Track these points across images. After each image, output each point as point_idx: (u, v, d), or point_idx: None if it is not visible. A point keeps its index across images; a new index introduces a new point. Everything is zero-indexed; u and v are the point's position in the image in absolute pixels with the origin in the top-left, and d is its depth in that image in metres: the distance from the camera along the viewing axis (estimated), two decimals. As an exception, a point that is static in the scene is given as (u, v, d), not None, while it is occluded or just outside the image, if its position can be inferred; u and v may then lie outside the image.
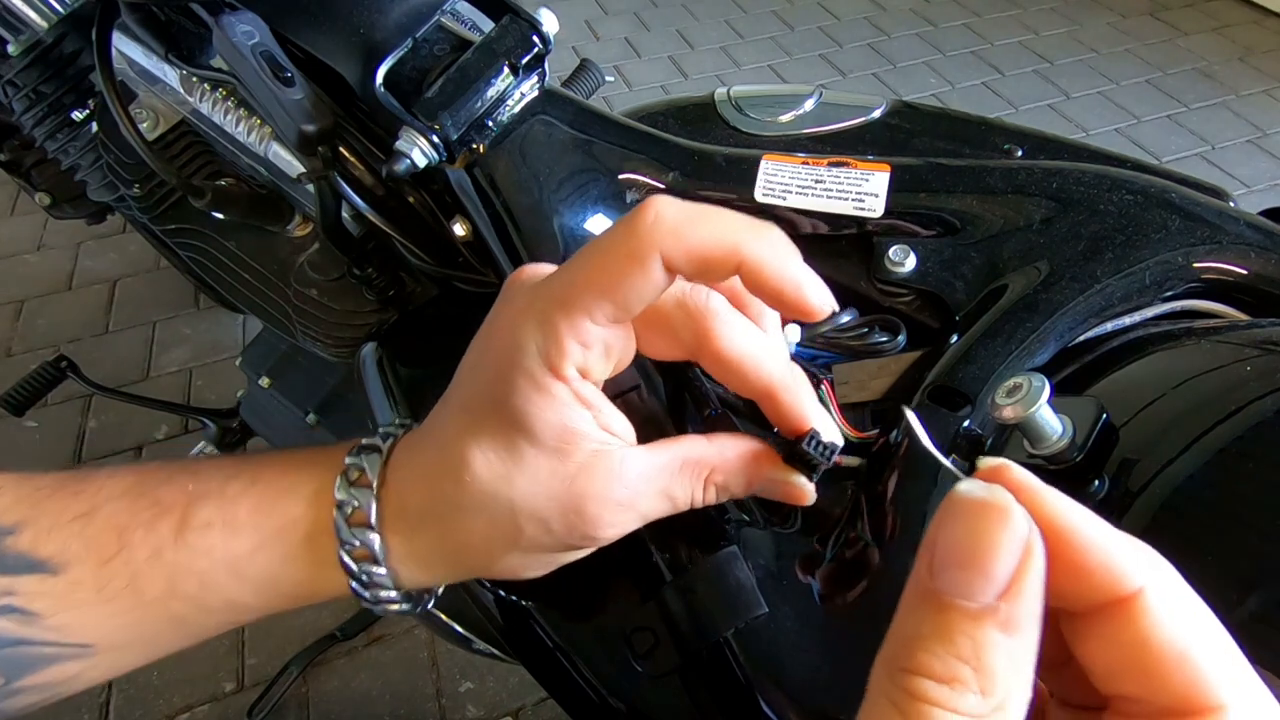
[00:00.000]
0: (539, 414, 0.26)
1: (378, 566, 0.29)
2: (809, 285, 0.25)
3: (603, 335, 0.26)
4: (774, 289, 0.25)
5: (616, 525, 0.27)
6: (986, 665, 0.15)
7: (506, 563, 0.29)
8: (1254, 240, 0.38)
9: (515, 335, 0.26)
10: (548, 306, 0.25)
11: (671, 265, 0.24)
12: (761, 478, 0.29)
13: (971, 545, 0.15)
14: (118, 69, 0.56)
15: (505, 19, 0.41)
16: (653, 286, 0.24)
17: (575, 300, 0.25)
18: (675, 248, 0.24)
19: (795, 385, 0.28)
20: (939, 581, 0.15)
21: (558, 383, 0.26)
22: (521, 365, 0.26)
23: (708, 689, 0.36)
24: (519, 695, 1.09)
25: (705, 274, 0.25)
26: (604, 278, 0.24)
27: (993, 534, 0.15)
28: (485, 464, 0.27)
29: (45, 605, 0.28)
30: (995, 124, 0.51)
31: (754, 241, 0.24)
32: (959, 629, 0.15)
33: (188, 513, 0.29)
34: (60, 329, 1.58)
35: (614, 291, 0.24)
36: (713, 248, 0.24)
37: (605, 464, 0.27)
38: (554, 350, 0.25)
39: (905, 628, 0.16)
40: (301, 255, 0.60)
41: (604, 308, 0.25)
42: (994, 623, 0.15)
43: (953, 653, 0.15)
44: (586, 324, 0.25)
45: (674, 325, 0.27)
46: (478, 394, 0.28)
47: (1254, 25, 2.35)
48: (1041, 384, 0.27)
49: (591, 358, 0.26)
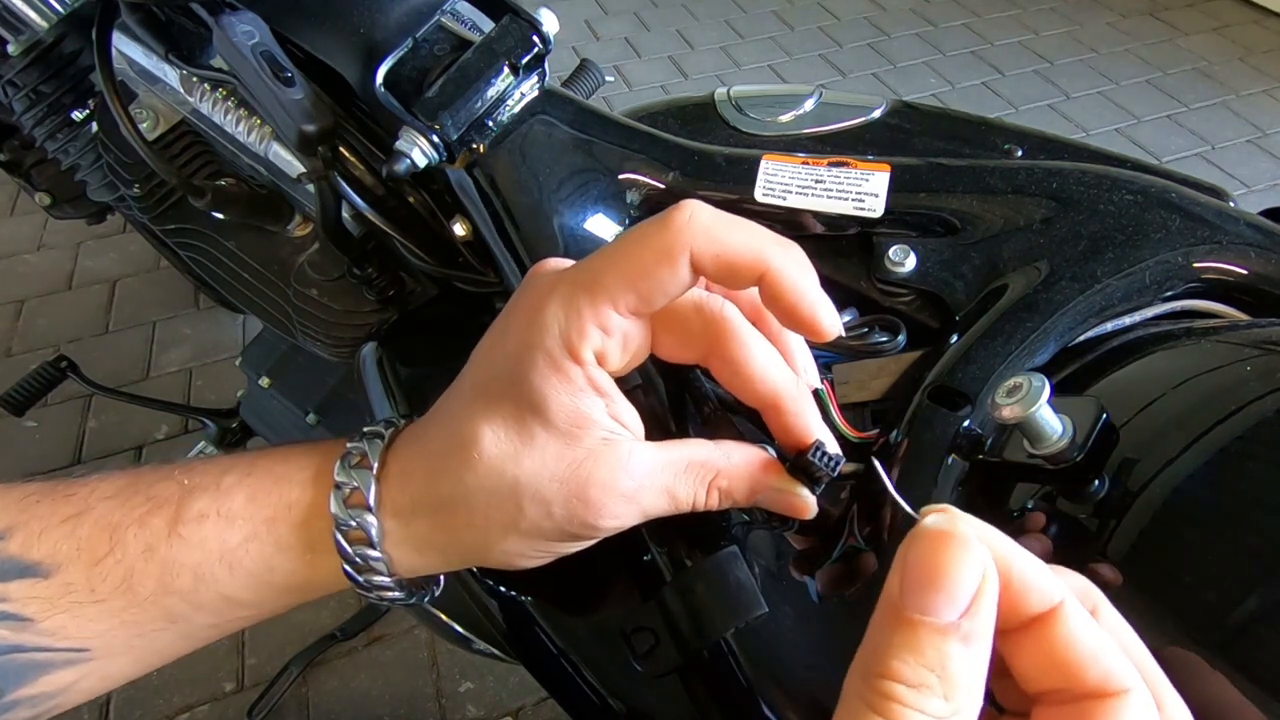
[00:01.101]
0: (554, 395, 0.26)
1: (373, 550, 0.29)
2: (822, 307, 0.26)
3: (623, 325, 0.26)
4: (790, 303, 0.25)
5: (617, 517, 0.27)
6: (949, 673, 0.17)
7: (503, 547, 0.28)
8: (1254, 240, 0.38)
9: (538, 315, 0.26)
10: (574, 290, 0.26)
11: (699, 265, 0.25)
12: (765, 486, 0.29)
13: (939, 570, 0.18)
14: (118, 69, 0.56)
15: (505, 19, 0.41)
16: (678, 283, 0.25)
17: (602, 286, 0.26)
18: (706, 248, 0.25)
19: (801, 398, 0.28)
20: (909, 600, 0.18)
21: (574, 365, 0.26)
22: (542, 344, 0.26)
23: (708, 689, 0.36)
24: (519, 695, 1.09)
25: (729, 278, 0.26)
26: (633, 268, 0.25)
27: (957, 561, 0.18)
28: (494, 441, 0.27)
29: (38, 609, 0.28)
30: (995, 124, 0.51)
31: (780, 255, 0.25)
32: (927, 642, 0.18)
33: (181, 506, 0.29)
34: (60, 329, 1.58)
35: (640, 282, 0.25)
36: (741, 253, 0.25)
37: (613, 453, 0.27)
38: (575, 332, 0.26)
39: (877, 639, 0.18)
40: (301, 255, 0.60)
41: (628, 298, 0.25)
42: (957, 637, 0.18)
43: (921, 662, 0.17)
44: (609, 311, 0.26)
45: (690, 329, 0.28)
46: (494, 372, 0.28)
47: (1254, 25, 2.35)
48: (1041, 384, 0.27)
49: (610, 345, 0.26)
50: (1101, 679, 0.18)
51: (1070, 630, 0.18)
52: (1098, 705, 0.17)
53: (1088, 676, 0.18)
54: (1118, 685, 0.18)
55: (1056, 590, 0.19)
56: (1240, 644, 0.24)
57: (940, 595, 0.18)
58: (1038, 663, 0.19)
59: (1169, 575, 0.27)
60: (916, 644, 0.18)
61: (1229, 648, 0.24)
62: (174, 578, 0.28)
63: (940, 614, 0.18)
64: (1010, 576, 0.19)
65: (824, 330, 0.26)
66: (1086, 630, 0.18)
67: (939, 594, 0.18)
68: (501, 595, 0.43)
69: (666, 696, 0.38)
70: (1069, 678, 0.18)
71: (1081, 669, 0.18)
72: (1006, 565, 0.19)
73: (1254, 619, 0.25)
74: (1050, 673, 0.18)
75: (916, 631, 0.18)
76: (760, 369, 0.28)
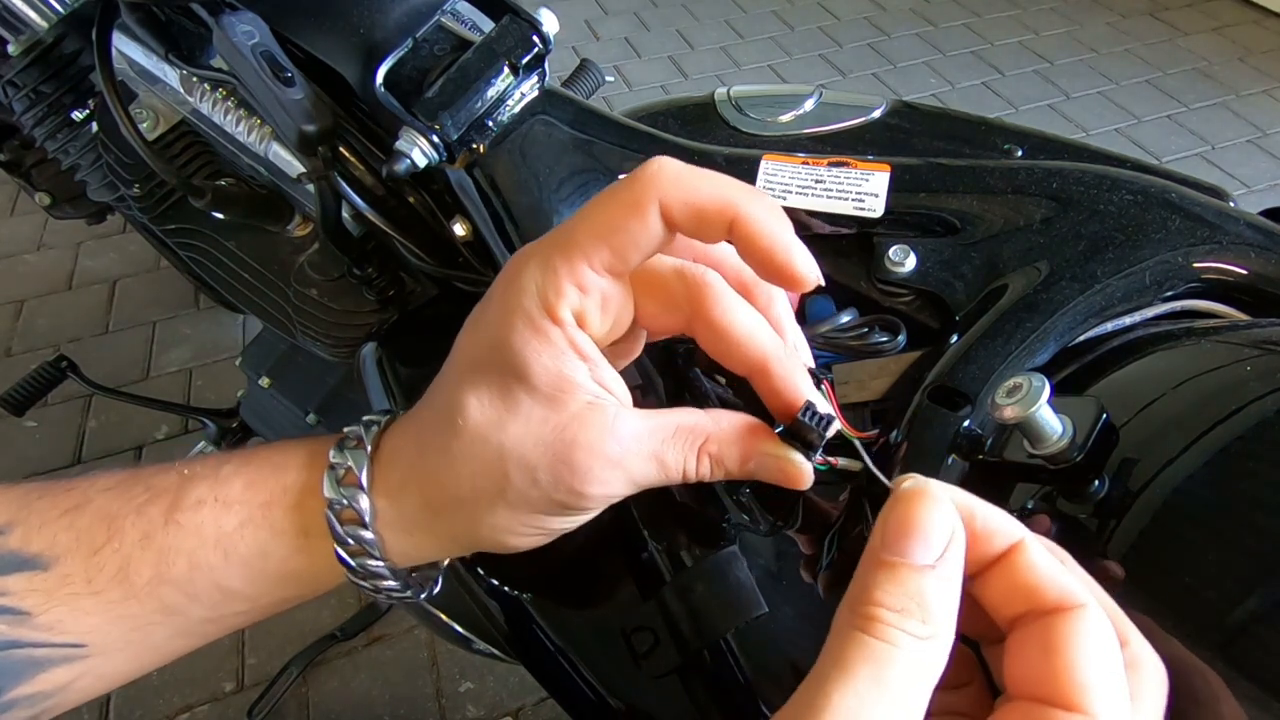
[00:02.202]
0: (535, 358, 0.26)
1: (365, 530, 0.29)
2: (798, 252, 0.26)
3: (600, 284, 0.26)
4: (764, 250, 0.25)
5: (605, 484, 0.27)
6: (926, 601, 0.20)
7: (491, 522, 0.28)
8: (1254, 240, 0.38)
9: (516, 278, 0.27)
10: (549, 250, 0.26)
11: (669, 215, 0.25)
12: (757, 452, 0.28)
13: (915, 521, 0.21)
14: (118, 69, 0.56)
15: (505, 19, 0.41)
16: (650, 236, 0.26)
17: (575, 244, 0.26)
18: (675, 198, 0.25)
19: (788, 360, 0.28)
20: (889, 547, 0.21)
21: (553, 325, 0.26)
22: (520, 306, 0.26)
23: (708, 689, 0.36)
24: (519, 695, 1.09)
25: (700, 227, 0.26)
26: (604, 223, 0.26)
27: (930, 513, 0.21)
28: (479, 408, 0.27)
29: (36, 602, 0.28)
30: (995, 124, 0.51)
31: (749, 202, 0.25)
32: (907, 577, 0.21)
33: (180, 494, 0.29)
34: (60, 329, 1.58)
35: (613, 237, 0.25)
36: (709, 200, 0.25)
37: (598, 417, 0.27)
38: (551, 291, 0.26)
39: (862, 582, 0.21)
40: (301, 255, 0.60)
41: (602, 253, 0.26)
42: (933, 575, 0.21)
43: (902, 591, 0.20)
44: (584, 268, 0.26)
45: (672, 294, 0.28)
46: (478, 341, 0.28)
47: (1254, 25, 2.35)
48: (1041, 384, 0.27)
49: (589, 305, 0.26)
50: (1060, 596, 0.21)
51: (1030, 560, 0.21)
52: (1058, 618, 0.20)
53: (1048, 595, 0.21)
54: (1075, 601, 0.20)
55: (1017, 531, 0.22)
56: (1240, 644, 0.24)
57: (917, 541, 0.21)
58: (1005, 592, 0.22)
59: (1169, 575, 0.27)
60: (898, 579, 0.21)
61: (1228, 647, 0.24)
62: (169, 565, 0.28)
63: (917, 557, 0.21)
64: (974, 523, 0.22)
65: (800, 276, 0.26)
66: (1044, 560, 0.21)
67: (915, 540, 0.21)
68: (501, 595, 0.43)
69: (666, 696, 0.38)
70: (1032, 599, 0.21)
71: (1042, 589, 0.21)
72: (970, 514, 0.22)
73: (1254, 619, 0.25)
74: (1017, 599, 0.21)
75: (897, 570, 0.21)
76: (744, 332, 0.27)
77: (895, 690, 0.19)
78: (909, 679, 0.20)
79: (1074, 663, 0.20)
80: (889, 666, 0.20)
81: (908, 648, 0.20)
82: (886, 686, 0.19)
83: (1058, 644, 0.20)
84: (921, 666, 0.20)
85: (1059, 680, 0.20)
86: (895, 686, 0.20)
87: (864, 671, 0.20)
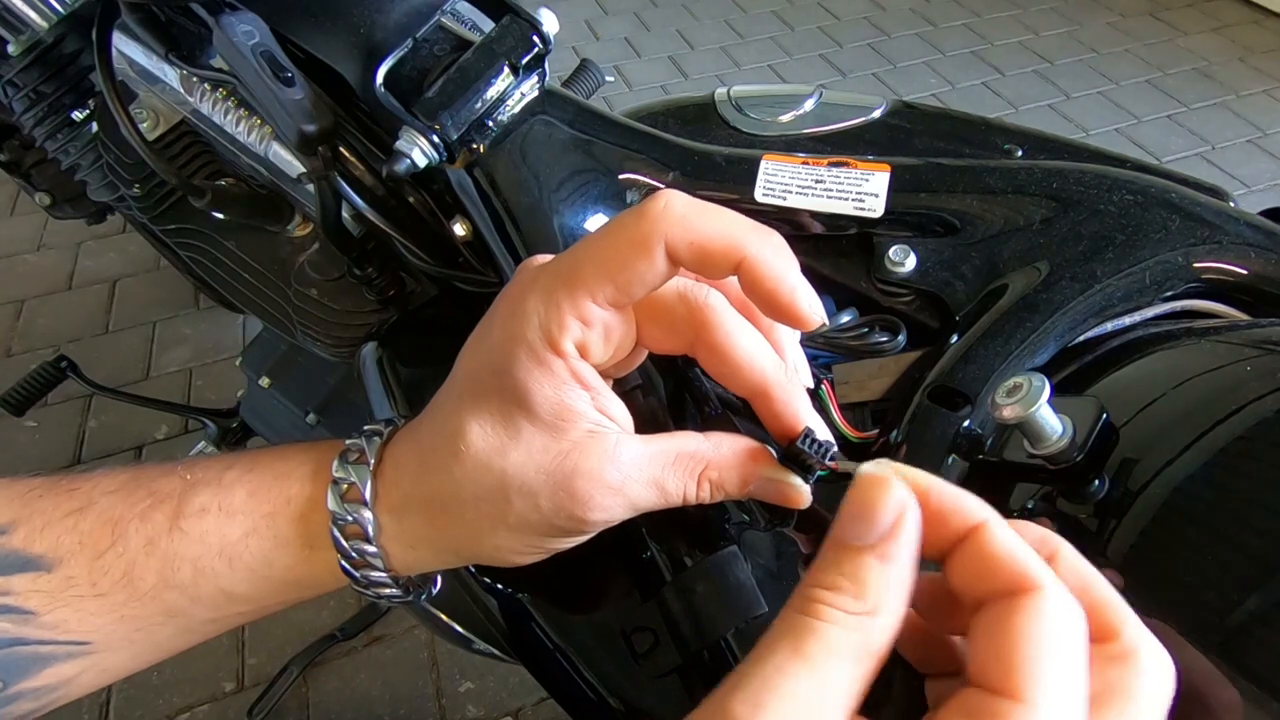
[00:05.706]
0: (537, 388, 0.26)
1: (369, 545, 0.29)
2: (802, 292, 0.26)
3: (603, 317, 0.26)
4: (769, 290, 0.25)
5: (605, 510, 0.27)
6: (861, 579, 0.20)
7: (493, 542, 0.28)
8: (1254, 240, 0.38)
9: (519, 307, 0.27)
10: (553, 283, 0.26)
11: (675, 253, 0.25)
12: (756, 476, 0.29)
13: (860, 504, 0.21)
14: (118, 69, 0.56)
15: (505, 19, 0.41)
16: (655, 273, 0.25)
17: (579, 279, 0.26)
18: (680, 237, 0.25)
19: (789, 384, 0.28)
20: (839, 532, 0.21)
21: (556, 358, 0.26)
22: (523, 337, 0.26)
23: (708, 689, 0.36)
24: (519, 695, 1.09)
25: (706, 266, 0.25)
26: (609, 260, 0.25)
27: (875, 495, 0.21)
28: (481, 435, 0.27)
29: (40, 602, 0.28)
30: (995, 124, 0.51)
31: (756, 242, 0.25)
32: (845, 557, 0.21)
33: (183, 501, 0.29)
34: (60, 329, 1.58)
35: (618, 274, 0.25)
36: (716, 240, 0.25)
37: (599, 445, 0.27)
38: (554, 325, 0.26)
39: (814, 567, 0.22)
40: (301, 255, 0.60)
41: (606, 289, 0.25)
42: (872, 554, 0.21)
43: (837, 570, 0.21)
44: (588, 303, 0.26)
45: (674, 317, 0.28)
46: (479, 367, 0.28)
47: (1254, 25, 2.35)
48: (1041, 384, 0.27)
49: (591, 337, 0.26)
50: (1015, 578, 0.20)
51: (988, 540, 0.21)
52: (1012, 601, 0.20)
53: (1001, 577, 0.20)
54: (1032, 583, 0.20)
55: (979, 512, 0.22)
56: (1240, 643, 0.24)
57: (861, 523, 0.21)
58: (967, 575, 0.21)
59: (1169, 575, 0.27)
60: (837, 559, 0.21)
61: (1229, 647, 0.24)
62: (174, 571, 0.29)
63: (861, 538, 0.21)
64: (929, 502, 0.22)
65: (804, 316, 0.26)
66: (1003, 540, 0.21)
67: (860, 522, 0.21)
68: (501, 595, 0.43)
69: (666, 696, 0.38)
70: (989, 580, 0.21)
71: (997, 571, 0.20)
72: (925, 493, 0.22)
73: (1254, 619, 0.25)
74: (976, 581, 0.21)
75: (839, 551, 0.21)
76: (745, 356, 0.27)
77: (817, 662, 0.19)
78: (834, 653, 0.20)
79: (1017, 647, 0.19)
80: (811, 639, 0.20)
81: (836, 622, 0.20)
82: (806, 658, 0.19)
83: (1003, 627, 0.19)
84: (851, 643, 0.20)
85: (1001, 665, 0.19)
86: (817, 659, 0.19)
87: (785, 644, 0.20)
